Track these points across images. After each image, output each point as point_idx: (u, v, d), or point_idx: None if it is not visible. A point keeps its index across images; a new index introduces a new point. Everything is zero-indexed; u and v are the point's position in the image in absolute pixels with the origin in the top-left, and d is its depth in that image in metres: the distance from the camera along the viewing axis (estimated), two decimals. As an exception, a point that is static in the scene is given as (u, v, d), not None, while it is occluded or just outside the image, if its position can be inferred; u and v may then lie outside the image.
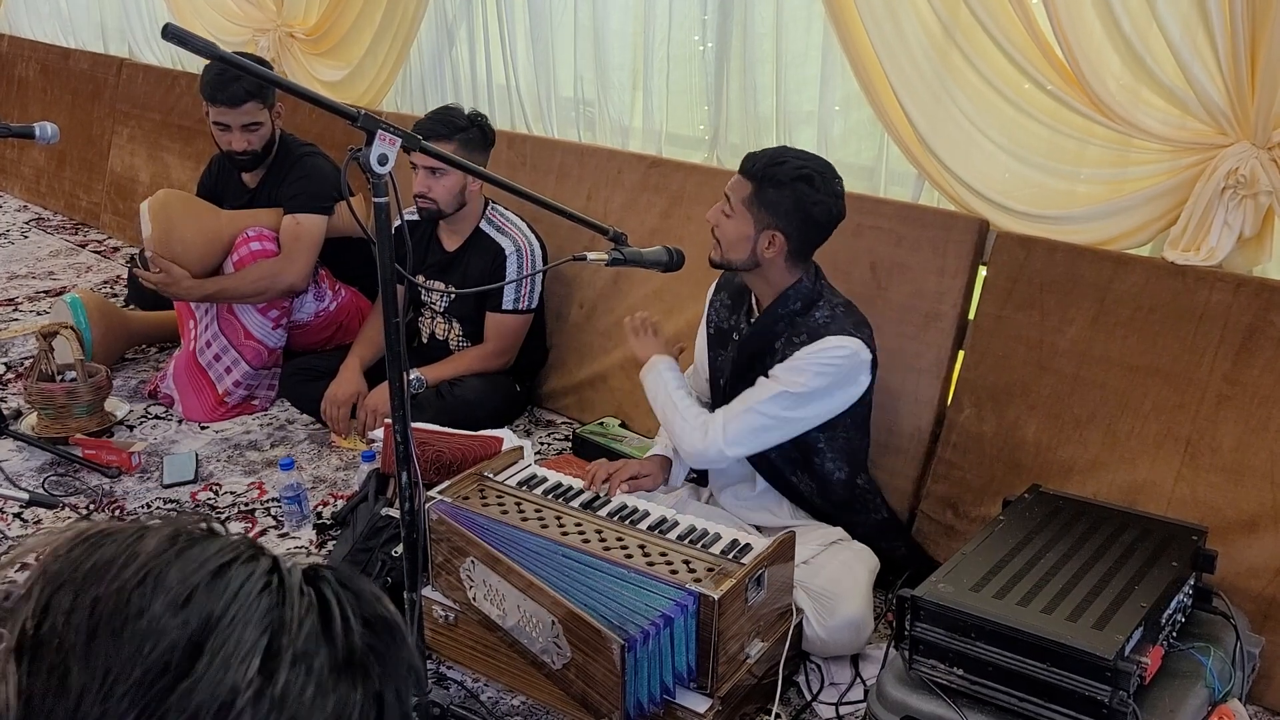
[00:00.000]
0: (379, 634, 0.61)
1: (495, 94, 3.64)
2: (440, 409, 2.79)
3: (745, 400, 2.09)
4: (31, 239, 4.85)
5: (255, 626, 0.55)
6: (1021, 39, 2.22)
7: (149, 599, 0.54)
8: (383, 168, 1.54)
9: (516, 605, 1.88)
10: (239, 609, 0.55)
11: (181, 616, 0.54)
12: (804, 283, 2.13)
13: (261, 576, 0.58)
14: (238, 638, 0.54)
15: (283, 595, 0.58)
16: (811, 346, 2.05)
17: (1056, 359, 2.31)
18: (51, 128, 2.52)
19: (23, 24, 5.79)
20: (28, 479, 2.74)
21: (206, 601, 0.55)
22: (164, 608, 0.54)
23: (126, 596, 0.55)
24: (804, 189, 2.04)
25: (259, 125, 3.03)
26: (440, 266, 3.00)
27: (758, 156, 2.09)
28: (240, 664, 0.54)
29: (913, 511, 2.48)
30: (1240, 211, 2.06)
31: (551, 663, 1.85)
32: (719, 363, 2.28)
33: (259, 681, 0.53)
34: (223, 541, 0.60)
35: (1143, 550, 1.85)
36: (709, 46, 3.03)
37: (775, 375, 2.08)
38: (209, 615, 0.55)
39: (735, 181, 2.11)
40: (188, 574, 0.56)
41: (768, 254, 2.08)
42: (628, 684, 1.71)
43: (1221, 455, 2.10)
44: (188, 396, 3.09)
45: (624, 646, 1.68)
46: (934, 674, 1.72)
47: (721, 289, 2.32)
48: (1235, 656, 1.83)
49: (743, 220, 2.08)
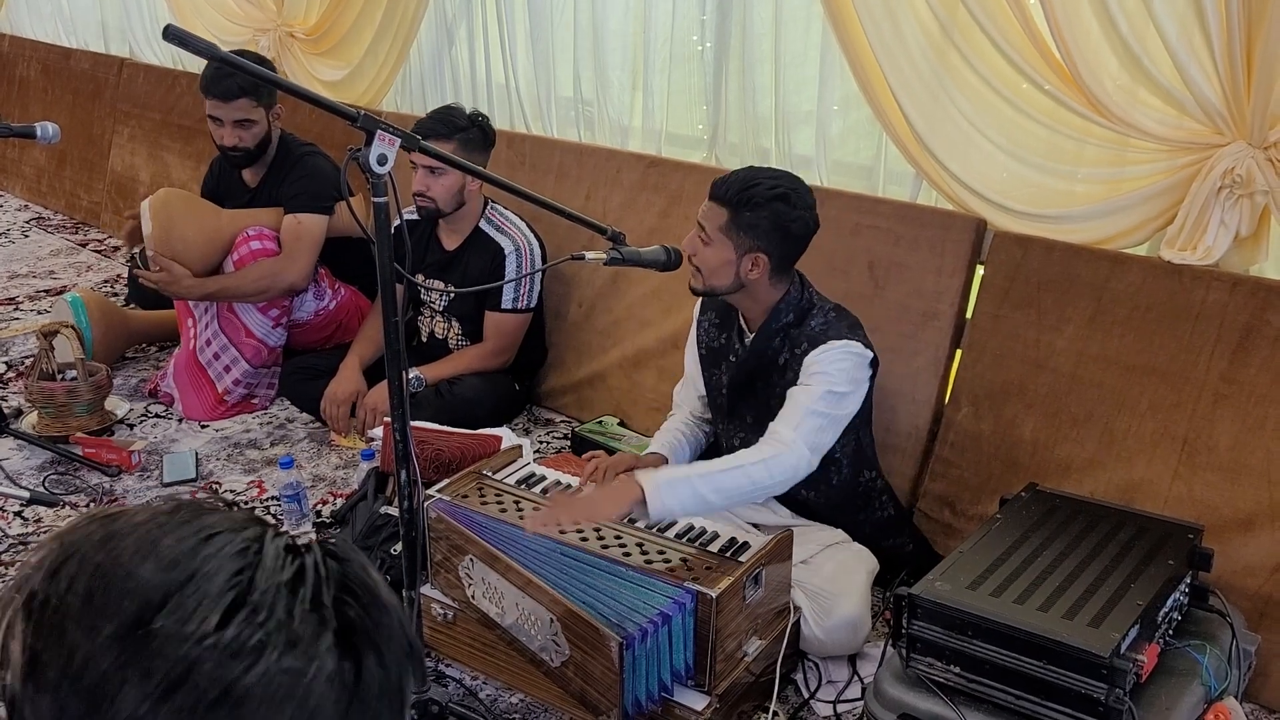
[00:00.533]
0: (361, 603, 0.63)
1: (495, 93, 3.64)
2: (439, 408, 2.80)
3: (796, 408, 2.02)
4: (32, 238, 4.86)
5: (222, 583, 0.58)
6: (1019, 39, 2.23)
7: (140, 563, 0.59)
8: (382, 168, 1.55)
9: (515, 603, 1.89)
10: (211, 567, 0.59)
11: (162, 576, 0.59)
12: (791, 294, 2.13)
13: (241, 542, 0.61)
14: (203, 592, 0.58)
15: (257, 559, 0.60)
16: (818, 350, 2.05)
17: (1054, 358, 2.32)
18: (52, 127, 2.52)
19: (24, 24, 5.80)
20: (28, 477, 2.75)
21: (189, 564, 0.59)
22: (150, 570, 0.59)
23: (123, 562, 0.59)
24: (781, 207, 2.04)
25: (252, 123, 3.03)
26: (440, 265, 3.01)
27: (729, 182, 2.06)
28: (200, 616, 0.57)
29: (911, 510, 2.49)
30: (1236, 211, 2.07)
31: (550, 660, 1.86)
32: (714, 381, 2.28)
33: (215, 635, 0.57)
34: (223, 515, 0.64)
35: (1139, 548, 1.85)
36: (708, 46, 3.04)
37: (807, 383, 2.04)
38: (186, 574, 0.59)
39: (707, 209, 2.08)
40: (179, 540, 0.60)
41: (751, 275, 2.07)
42: (626, 681, 1.71)
43: (1218, 454, 2.11)
44: (188, 395, 3.10)
45: (622, 644, 1.69)
46: (931, 672, 1.73)
47: (708, 309, 2.30)
48: (1231, 654, 1.83)
49: (722, 246, 2.06)
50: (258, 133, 3.07)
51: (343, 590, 0.63)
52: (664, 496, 1.83)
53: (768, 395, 2.16)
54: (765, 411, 2.16)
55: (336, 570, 0.63)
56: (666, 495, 1.83)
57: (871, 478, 2.29)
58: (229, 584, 0.59)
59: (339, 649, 0.60)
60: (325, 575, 0.62)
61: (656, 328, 2.99)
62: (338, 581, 0.63)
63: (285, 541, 0.64)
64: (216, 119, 3.03)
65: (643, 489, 1.82)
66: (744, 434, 2.22)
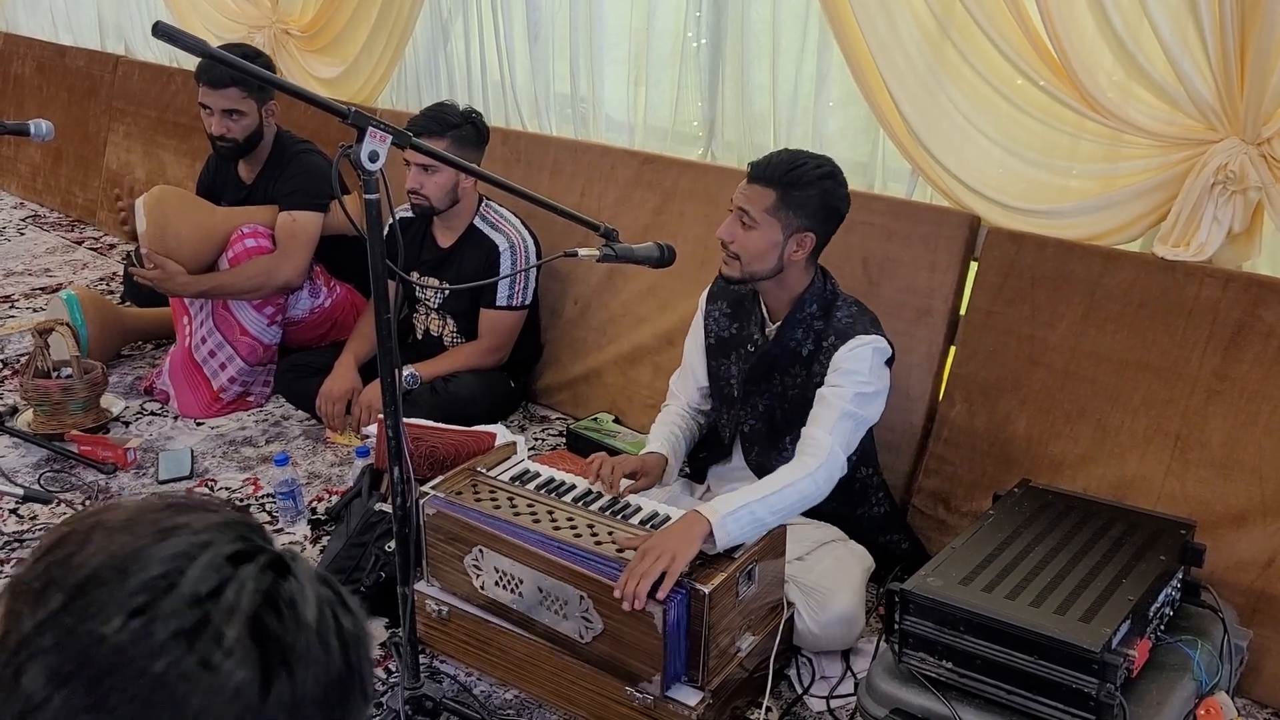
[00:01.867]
0: (282, 619, 0.62)
1: (490, 90, 3.64)
2: (434, 405, 2.80)
3: (831, 411, 2.02)
4: (28, 236, 4.86)
5: (145, 580, 0.60)
6: (1014, 34, 2.23)
7: (92, 555, 0.61)
8: (374, 164, 1.55)
9: (536, 586, 1.90)
10: (143, 564, 0.61)
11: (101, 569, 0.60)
12: (816, 284, 2.14)
13: (189, 543, 0.62)
14: (127, 587, 0.60)
15: (188, 563, 0.61)
16: (847, 347, 2.06)
17: (1047, 354, 2.32)
18: (46, 125, 2.52)
19: (20, 21, 5.79)
20: (23, 475, 2.75)
21: (129, 560, 0.61)
22: (97, 562, 0.61)
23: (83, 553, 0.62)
24: (830, 185, 2.06)
25: (241, 114, 3.03)
26: (434, 263, 3.01)
27: (773, 163, 2.07)
28: (113, 608, 0.59)
29: (905, 506, 2.50)
30: (1229, 207, 2.08)
31: (579, 637, 1.87)
32: (722, 371, 2.28)
33: (122, 629, 0.58)
34: (201, 515, 0.65)
35: (1131, 544, 1.86)
36: (703, 43, 3.04)
37: (837, 383, 2.05)
38: (119, 568, 0.60)
39: (750, 192, 2.07)
40: (137, 536, 0.62)
41: (796, 257, 2.08)
42: (670, 643, 1.76)
43: (1210, 450, 2.11)
44: (183, 393, 3.10)
45: (665, 609, 1.73)
46: (923, 667, 1.73)
47: (717, 297, 2.30)
48: (1223, 650, 1.84)
49: (769, 229, 2.05)
50: (247, 125, 3.06)
51: (267, 604, 0.61)
52: (728, 527, 1.84)
53: (785, 386, 2.17)
54: (779, 400, 2.17)
55: (268, 584, 0.62)
56: (731, 526, 1.85)
57: (868, 474, 2.30)
58: (145, 585, 0.60)
59: (252, 664, 0.59)
60: (254, 587, 0.61)
61: (652, 324, 2.99)
62: (264, 596, 0.62)
63: (236, 548, 0.63)
64: (207, 107, 3.03)
65: (709, 522, 1.83)
66: (753, 421, 2.22)
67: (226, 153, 3.12)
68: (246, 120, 3.05)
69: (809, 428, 2.05)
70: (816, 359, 2.11)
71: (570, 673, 1.93)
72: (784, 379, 2.17)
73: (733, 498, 1.90)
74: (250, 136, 3.08)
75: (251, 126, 3.07)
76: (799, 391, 2.14)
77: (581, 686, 1.92)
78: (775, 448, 2.20)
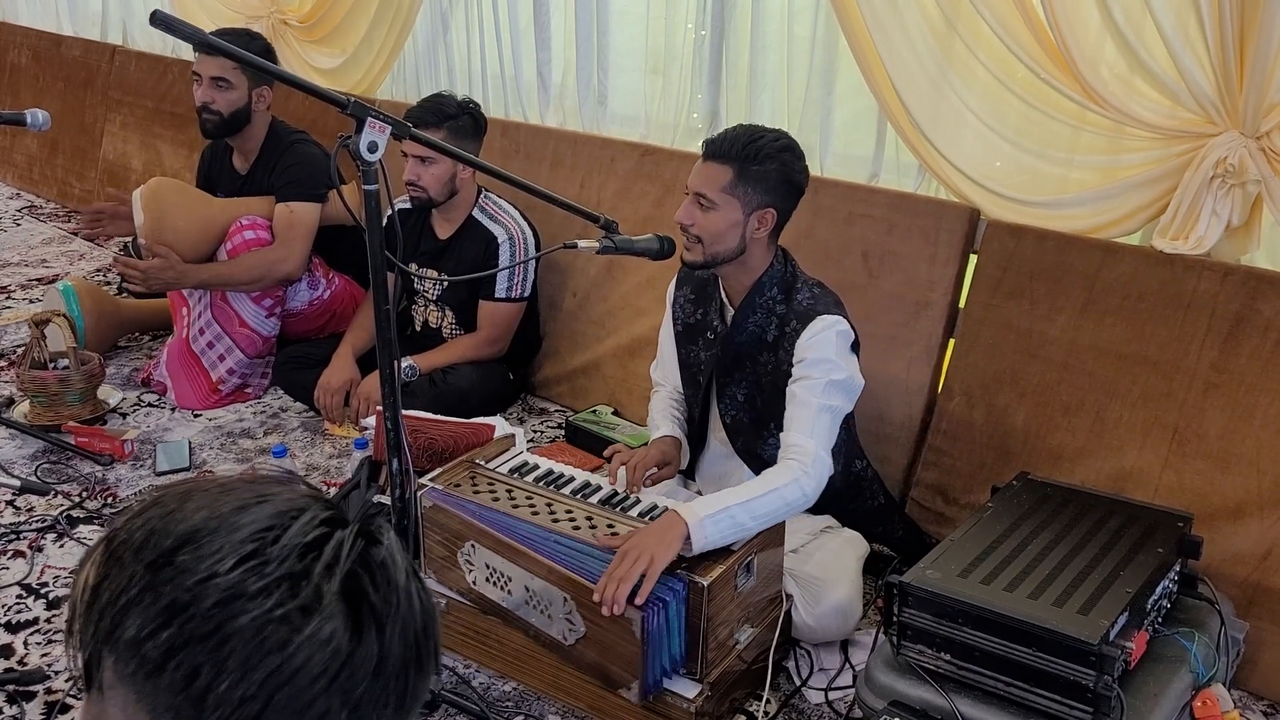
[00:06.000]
0: (374, 580, 0.65)
1: (490, 81, 3.63)
2: (433, 396, 2.80)
3: (807, 411, 1.99)
4: (24, 226, 4.85)
5: (247, 534, 0.64)
6: (1019, 27, 2.23)
7: (195, 513, 0.65)
8: (372, 155, 1.55)
9: (524, 585, 1.89)
10: (246, 519, 0.64)
11: (203, 523, 0.64)
12: (775, 267, 2.10)
13: (285, 506, 0.66)
14: (228, 539, 0.63)
15: (290, 522, 0.65)
16: (809, 331, 2.02)
17: (1046, 347, 2.32)
18: (43, 115, 2.51)
19: (19, 9, 5.77)
20: (20, 467, 2.75)
21: (231, 517, 0.64)
22: (199, 519, 0.64)
23: (184, 510, 0.66)
24: (788, 158, 2.02)
25: (229, 85, 2.99)
26: (433, 254, 3.00)
27: (729, 139, 2.03)
28: (216, 557, 0.62)
29: (903, 498, 2.50)
30: (1228, 200, 2.08)
31: (564, 639, 1.87)
32: (692, 357, 2.25)
33: (224, 576, 0.62)
34: (290, 488, 0.69)
35: (1129, 536, 1.86)
36: (705, 34, 3.03)
37: (805, 375, 2.00)
38: (222, 523, 0.64)
39: (705, 171, 2.03)
40: (239, 499, 0.66)
41: (758, 234, 2.04)
42: (649, 651, 1.74)
43: (1208, 443, 2.11)
44: (181, 384, 3.09)
45: (644, 616, 1.71)
46: (921, 659, 1.73)
47: (683, 284, 2.27)
48: (1220, 642, 1.84)
49: (729, 208, 2.02)
50: (233, 99, 3.02)
51: (361, 565, 0.65)
52: (706, 529, 1.81)
53: (759, 374, 2.14)
54: (757, 389, 2.15)
55: (361, 547, 0.66)
56: (710, 528, 1.81)
57: (862, 468, 2.29)
58: (253, 536, 0.63)
59: (342, 616, 0.63)
60: (349, 548, 0.65)
61: (651, 316, 2.99)
62: (359, 556, 0.65)
63: (330, 514, 0.67)
64: (197, 75, 3.00)
65: (686, 525, 1.81)
66: (735, 412, 2.19)
67: (210, 127, 3.06)
68: (234, 94, 3.01)
69: (788, 433, 1.99)
70: (781, 345, 2.07)
71: (567, 666, 1.93)
72: (755, 366, 2.14)
73: (715, 499, 1.86)
74: (236, 114, 3.03)
75: (238, 103, 3.03)
76: (773, 377, 2.10)
77: (579, 680, 1.92)
78: (760, 435, 2.19)
